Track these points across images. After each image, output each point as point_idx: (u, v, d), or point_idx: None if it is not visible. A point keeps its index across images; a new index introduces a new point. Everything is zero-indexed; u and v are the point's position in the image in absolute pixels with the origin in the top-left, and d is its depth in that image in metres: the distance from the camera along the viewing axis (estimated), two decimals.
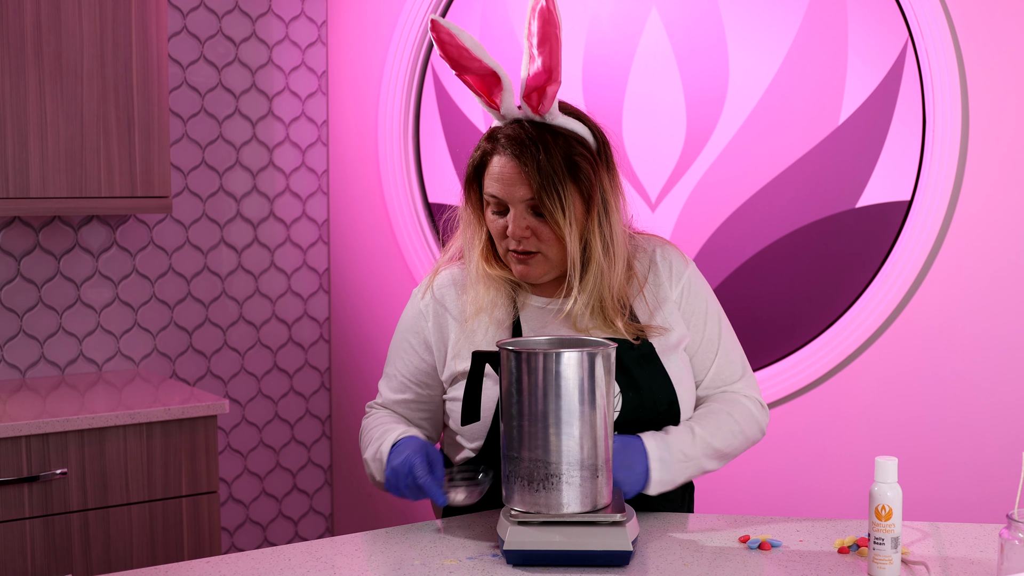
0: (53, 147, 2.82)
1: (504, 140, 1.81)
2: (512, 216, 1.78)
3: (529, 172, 1.76)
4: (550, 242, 1.79)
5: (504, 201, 1.79)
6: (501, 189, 1.79)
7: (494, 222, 1.82)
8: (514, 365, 1.57)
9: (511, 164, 1.78)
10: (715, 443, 1.82)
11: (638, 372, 1.79)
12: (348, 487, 3.62)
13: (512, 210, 1.79)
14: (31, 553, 2.59)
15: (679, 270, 1.90)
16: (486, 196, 1.82)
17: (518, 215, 1.78)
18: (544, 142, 1.78)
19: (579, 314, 1.80)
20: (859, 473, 2.34)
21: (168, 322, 3.36)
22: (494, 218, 1.82)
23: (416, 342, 1.91)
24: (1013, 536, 1.38)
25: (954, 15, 2.22)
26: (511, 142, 1.80)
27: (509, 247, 1.81)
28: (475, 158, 1.85)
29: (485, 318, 1.84)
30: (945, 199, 2.24)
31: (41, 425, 2.57)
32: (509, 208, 1.79)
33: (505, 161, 1.79)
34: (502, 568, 1.56)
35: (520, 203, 1.78)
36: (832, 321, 2.42)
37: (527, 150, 1.78)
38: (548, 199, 1.75)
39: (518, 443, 1.57)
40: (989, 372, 2.20)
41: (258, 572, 1.55)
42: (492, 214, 1.82)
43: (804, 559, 1.59)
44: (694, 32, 2.58)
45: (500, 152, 1.80)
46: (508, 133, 1.81)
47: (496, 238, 1.84)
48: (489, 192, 1.81)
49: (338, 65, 3.51)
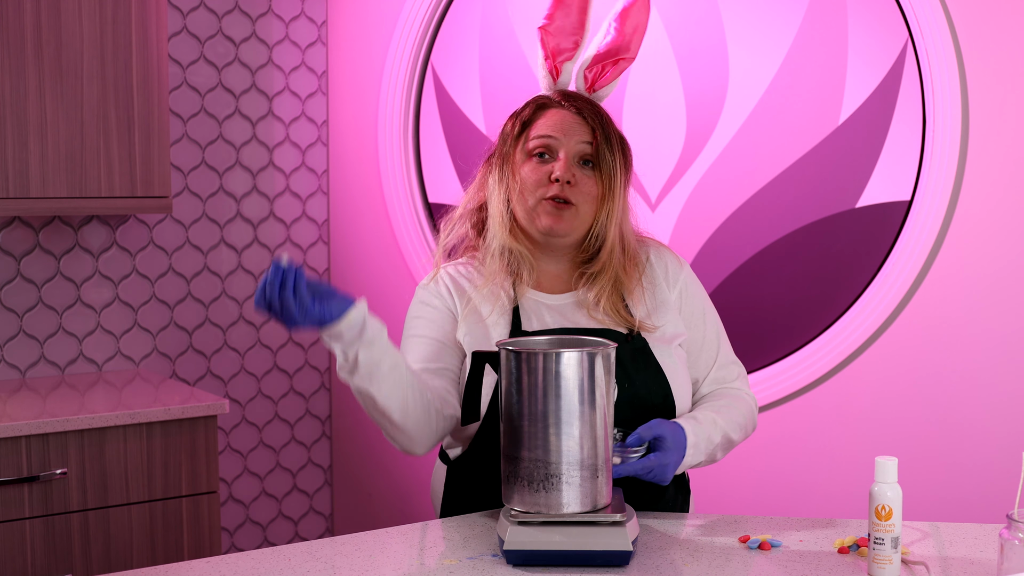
0: (53, 147, 2.82)
1: (560, 97, 1.85)
2: (562, 159, 1.79)
3: (595, 125, 1.80)
4: (588, 198, 1.80)
5: (556, 144, 1.80)
6: (558, 131, 1.80)
7: (534, 170, 1.81)
8: (514, 365, 1.57)
9: (570, 115, 1.81)
10: (731, 434, 1.83)
11: (631, 365, 1.79)
12: (348, 487, 3.62)
13: (562, 154, 1.79)
14: (31, 553, 2.59)
15: (675, 272, 1.90)
16: (533, 142, 1.81)
17: (568, 157, 1.79)
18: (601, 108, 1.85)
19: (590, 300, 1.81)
20: (859, 473, 2.34)
21: (168, 322, 3.36)
22: (534, 166, 1.81)
23: (438, 304, 1.86)
24: (1013, 536, 1.38)
25: (954, 15, 2.22)
26: (569, 99, 1.84)
27: (547, 195, 1.79)
28: (524, 115, 1.85)
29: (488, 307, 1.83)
30: (945, 199, 2.24)
31: (41, 425, 2.57)
32: (557, 153, 1.80)
33: (563, 112, 1.82)
34: (502, 568, 1.56)
35: (574, 146, 1.80)
36: (832, 321, 2.42)
37: (587, 108, 1.83)
38: (608, 151, 1.79)
39: (518, 443, 1.57)
40: (989, 372, 2.20)
41: (258, 572, 1.55)
42: (533, 162, 1.81)
43: (804, 559, 1.59)
44: (694, 32, 2.58)
45: (555, 107, 1.83)
46: (565, 93, 1.86)
47: (531, 188, 1.81)
48: (542, 134, 1.81)
49: (338, 65, 3.51)
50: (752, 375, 2.51)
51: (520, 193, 1.81)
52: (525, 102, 1.89)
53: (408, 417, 1.70)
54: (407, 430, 1.72)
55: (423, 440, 1.75)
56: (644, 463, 1.69)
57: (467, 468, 1.86)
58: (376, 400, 1.67)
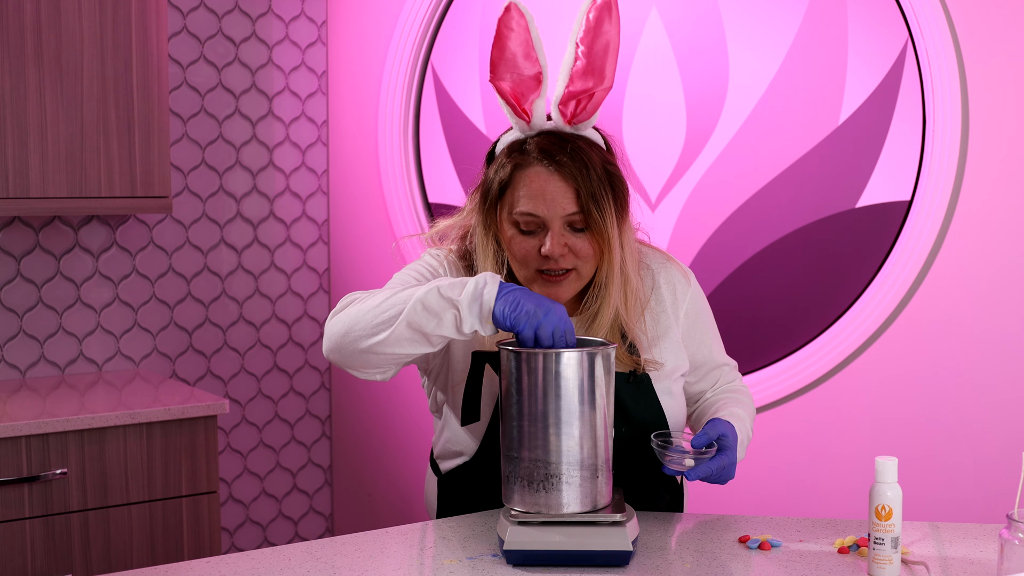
0: (53, 147, 2.82)
1: (538, 152, 1.67)
2: (552, 234, 1.65)
3: (578, 184, 1.64)
4: (587, 258, 1.68)
5: (542, 219, 1.66)
6: (540, 206, 1.65)
7: (522, 244, 1.68)
8: (514, 365, 1.57)
9: (551, 177, 1.65)
10: (750, 433, 1.83)
11: (632, 406, 1.76)
12: (348, 487, 3.62)
13: (551, 228, 1.66)
14: (31, 553, 2.59)
15: (682, 293, 1.84)
16: (516, 216, 1.67)
17: (557, 232, 1.65)
18: (581, 151, 1.66)
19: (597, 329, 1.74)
20: (859, 473, 2.34)
21: (168, 322, 3.36)
22: (522, 239, 1.68)
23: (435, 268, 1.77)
24: (1013, 536, 1.38)
25: (954, 15, 2.22)
26: (547, 154, 1.66)
27: (541, 268, 1.68)
28: (501, 175, 1.69)
29: None
30: (945, 199, 2.24)
31: (41, 425, 2.57)
32: (543, 227, 1.66)
33: (543, 174, 1.65)
34: (502, 568, 1.56)
35: (560, 219, 1.65)
36: (832, 321, 2.42)
37: (567, 161, 1.64)
38: (596, 211, 1.64)
39: (518, 443, 1.57)
40: (989, 372, 2.20)
41: (258, 572, 1.55)
42: (520, 235, 1.68)
43: (804, 559, 1.59)
44: (694, 32, 2.58)
45: (535, 165, 1.66)
46: (541, 145, 1.67)
47: (520, 262, 1.70)
48: (523, 211, 1.66)
49: (338, 65, 3.51)
50: (752, 375, 2.51)
51: (515, 264, 1.71)
52: (502, 150, 1.72)
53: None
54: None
55: None
56: (717, 462, 1.64)
57: (458, 482, 1.84)
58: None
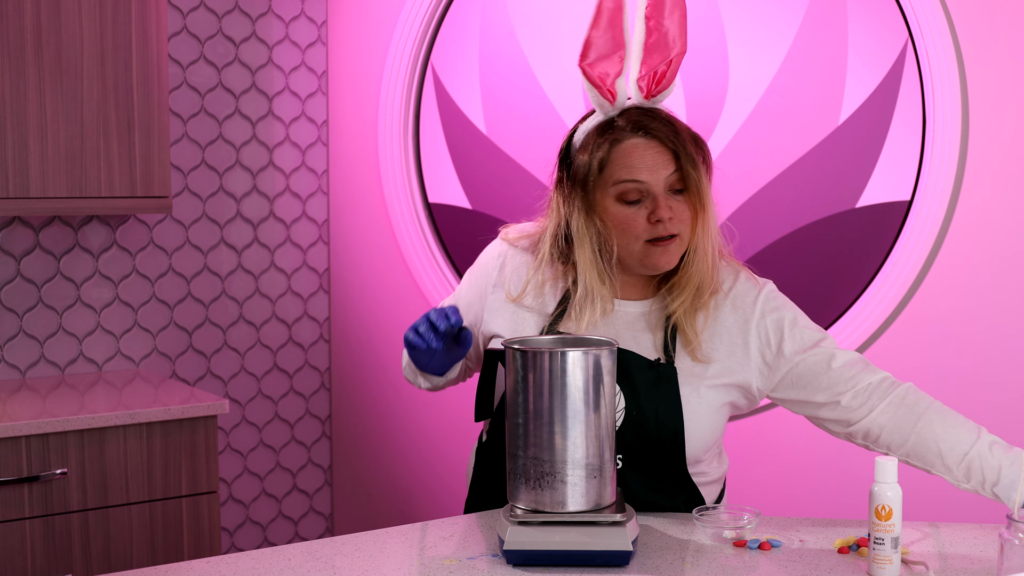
0: (53, 147, 2.82)
1: (630, 125, 1.73)
2: (658, 199, 1.71)
3: (675, 146, 1.70)
4: (687, 222, 1.74)
5: (646, 186, 1.71)
6: (644, 172, 1.71)
7: (628, 215, 1.73)
8: (519, 364, 1.57)
9: (649, 144, 1.71)
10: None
11: (645, 393, 1.74)
12: (348, 487, 3.62)
13: (656, 193, 1.71)
14: (31, 553, 2.59)
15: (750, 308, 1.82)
16: (621, 187, 1.72)
17: (663, 195, 1.71)
18: (670, 117, 1.74)
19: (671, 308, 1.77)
20: (859, 473, 2.33)
21: (168, 322, 3.36)
22: (628, 212, 1.73)
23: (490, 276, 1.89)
24: (1013, 536, 1.38)
25: (954, 15, 2.22)
26: (639, 125, 1.72)
27: (652, 236, 1.72)
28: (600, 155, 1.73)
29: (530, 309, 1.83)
30: (945, 199, 2.24)
31: (41, 425, 2.57)
32: (647, 194, 1.71)
33: (640, 144, 1.71)
34: (502, 568, 1.56)
35: (663, 181, 1.71)
36: (832, 321, 2.42)
37: (660, 127, 1.72)
38: (693, 170, 1.70)
39: (521, 441, 1.57)
40: (989, 372, 2.20)
41: (258, 572, 1.55)
42: (625, 207, 1.73)
43: (804, 559, 1.59)
44: (694, 32, 2.58)
45: (631, 137, 1.72)
46: (631, 117, 1.73)
47: (629, 234, 1.74)
48: (628, 178, 1.71)
49: (338, 65, 3.51)
50: None
51: (622, 238, 1.74)
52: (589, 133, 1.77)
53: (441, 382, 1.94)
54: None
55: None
56: None
57: (491, 454, 1.87)
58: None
